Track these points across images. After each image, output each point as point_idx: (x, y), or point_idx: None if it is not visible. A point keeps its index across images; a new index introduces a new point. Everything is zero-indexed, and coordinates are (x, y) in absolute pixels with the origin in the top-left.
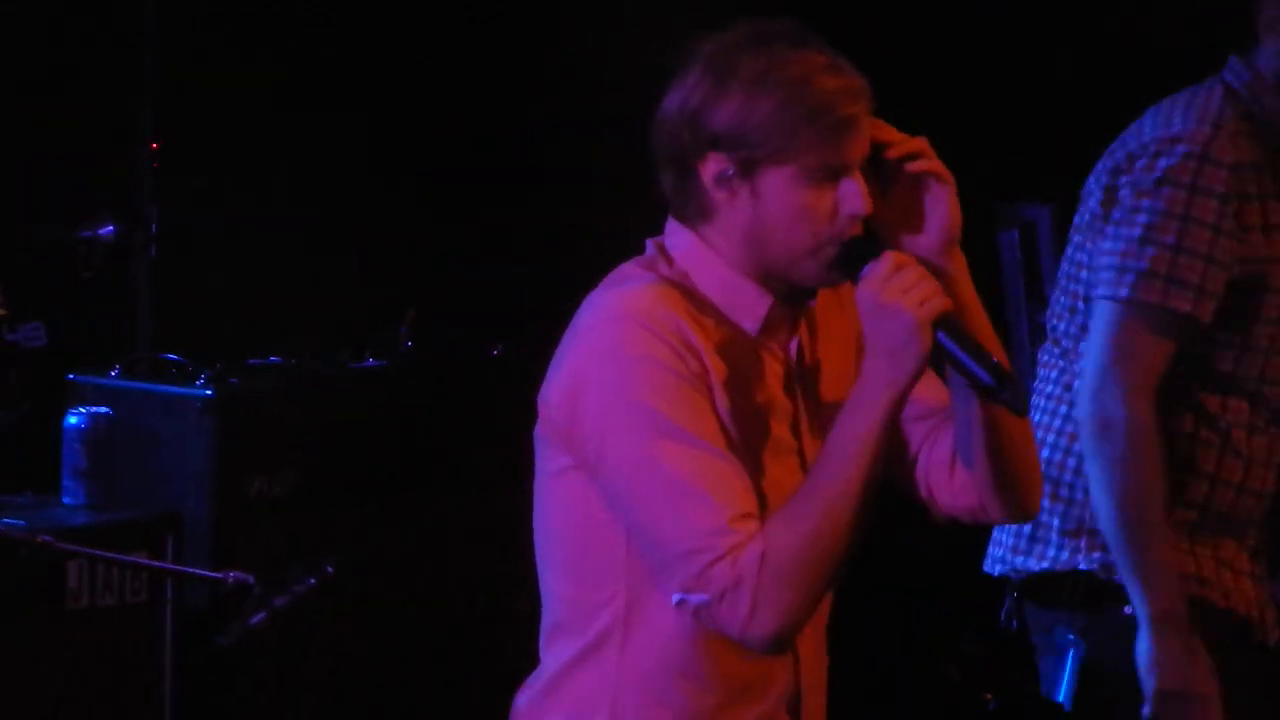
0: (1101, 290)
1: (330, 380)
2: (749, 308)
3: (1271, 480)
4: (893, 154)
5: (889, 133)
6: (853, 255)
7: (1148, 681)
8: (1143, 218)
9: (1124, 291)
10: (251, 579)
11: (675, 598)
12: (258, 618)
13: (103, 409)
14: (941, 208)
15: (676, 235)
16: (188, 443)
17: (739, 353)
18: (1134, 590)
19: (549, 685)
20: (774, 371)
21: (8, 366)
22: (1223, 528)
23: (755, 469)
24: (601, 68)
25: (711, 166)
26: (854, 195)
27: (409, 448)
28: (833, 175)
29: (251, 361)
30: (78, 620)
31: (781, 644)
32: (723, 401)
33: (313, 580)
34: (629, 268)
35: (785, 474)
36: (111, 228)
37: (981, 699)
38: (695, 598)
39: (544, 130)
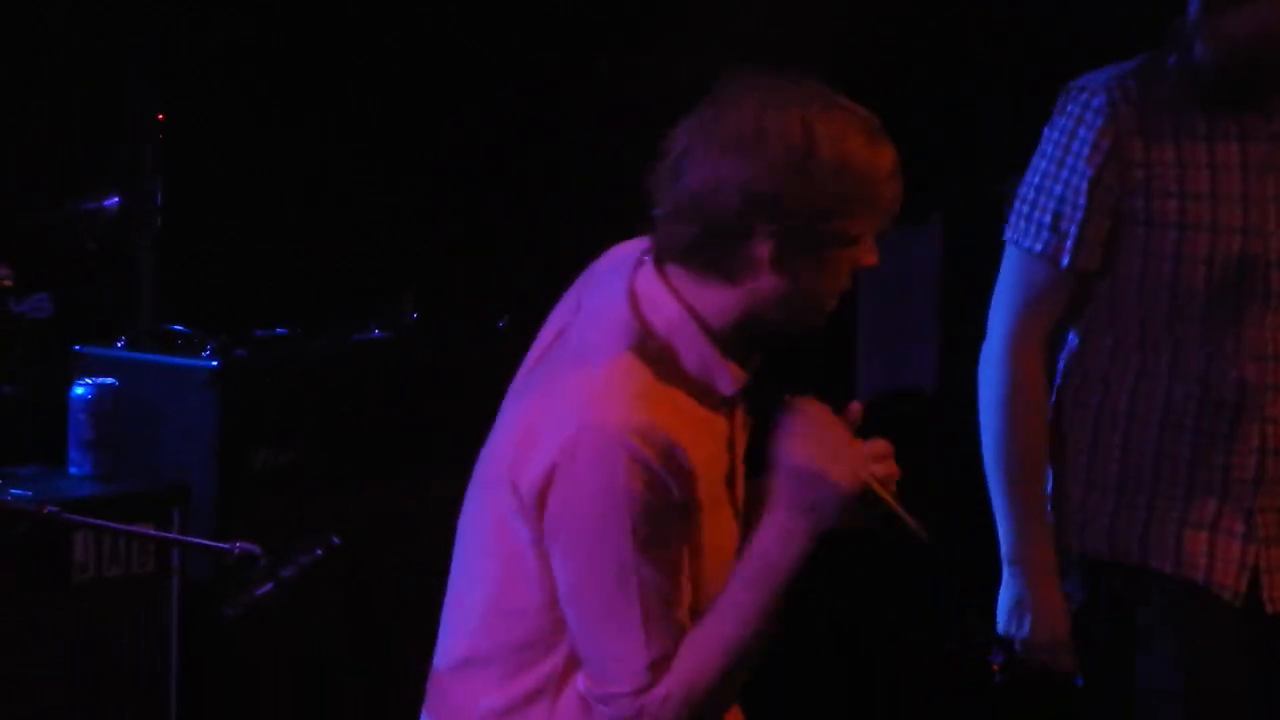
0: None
1: (335, 352)
2: (723, 383)
3: (1254, 432)
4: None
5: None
6: (763, 400)
7: (1000, 622)
8: (1034, 159)
9: (1007, 232)
10: (258, 550)
11: (581, 686)
12: (264, 589)
13: (108, 380)
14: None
15: (661, 303)
16: (193, 414)
17: (710, 426)
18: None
19: None
20: (725, 431)
21: (15, 338)
22: (1194, 488)
23: (704, 529)
24: (618, 54)
25: (771, 244)
26: (872, 250)
27: (414, 419)
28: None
29: (257, 333)
30: (84, 592)
31: None
32: (703, 490)
33: (319, 552)
34: (619, 351)
35: (721, 529)
36: (116, 199)
37: (988, 669)
38: (597, 707)
39: (555, 107)
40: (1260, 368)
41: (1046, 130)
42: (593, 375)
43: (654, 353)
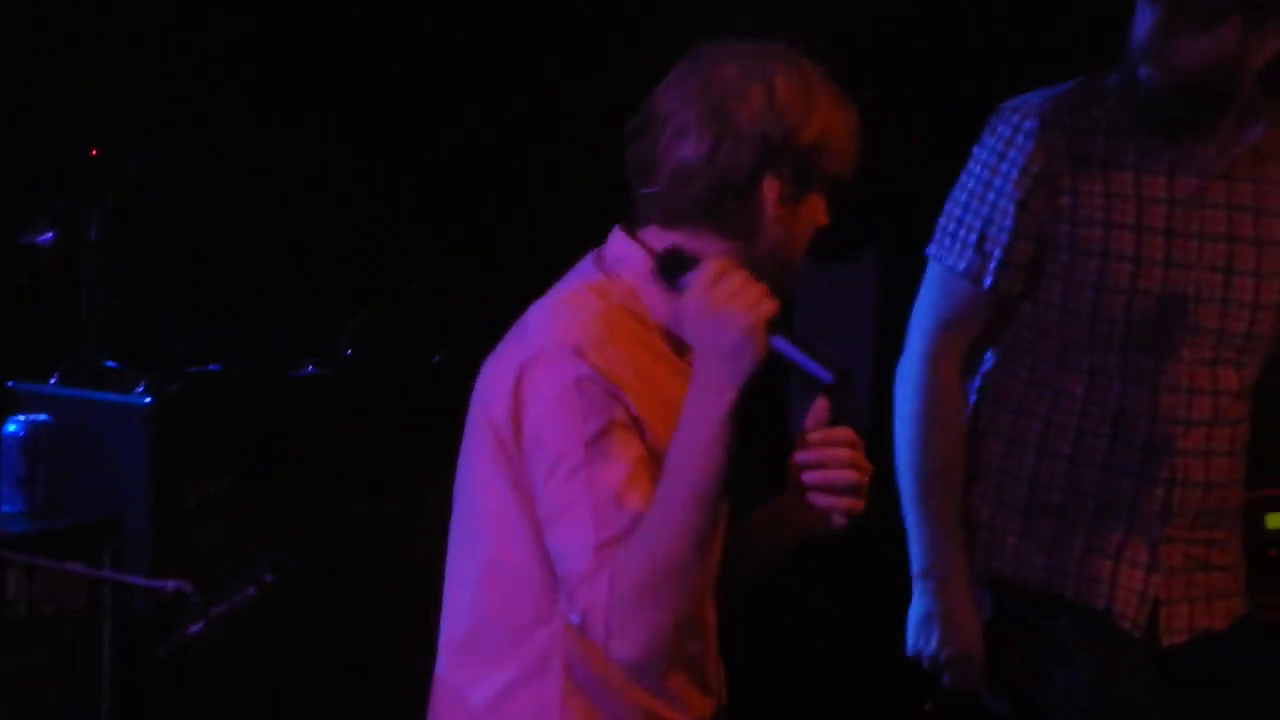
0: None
1: (270, 389)
2: None
3: (1164, 465)
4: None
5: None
6: (671, 266)
7: (909, 638)
8: (961, 177)
9: (931, 247)
10: (190, 588)
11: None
12: (196, 627)
13: (41, 416)
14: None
15: (628, 256)
16: (126, 450)
17: (676, 369)
18: (910, 544)
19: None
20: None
21: None
22: (1102, 515)
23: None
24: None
25: (776, 185)
26: (825, 211)
27: (349, 456)
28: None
29: (191, 369)
30: (17, 629)
31: (646, 666)
32: (658, 421)
33: (251, 589)
34: (581, 293)
35: None
36: (51, 234)
37: (920, 706)
38: (572, 616)
39: (485, 145)
40: (1175, 399)
41: (976, 149)
42: (548, 305)
43: (617, 296)
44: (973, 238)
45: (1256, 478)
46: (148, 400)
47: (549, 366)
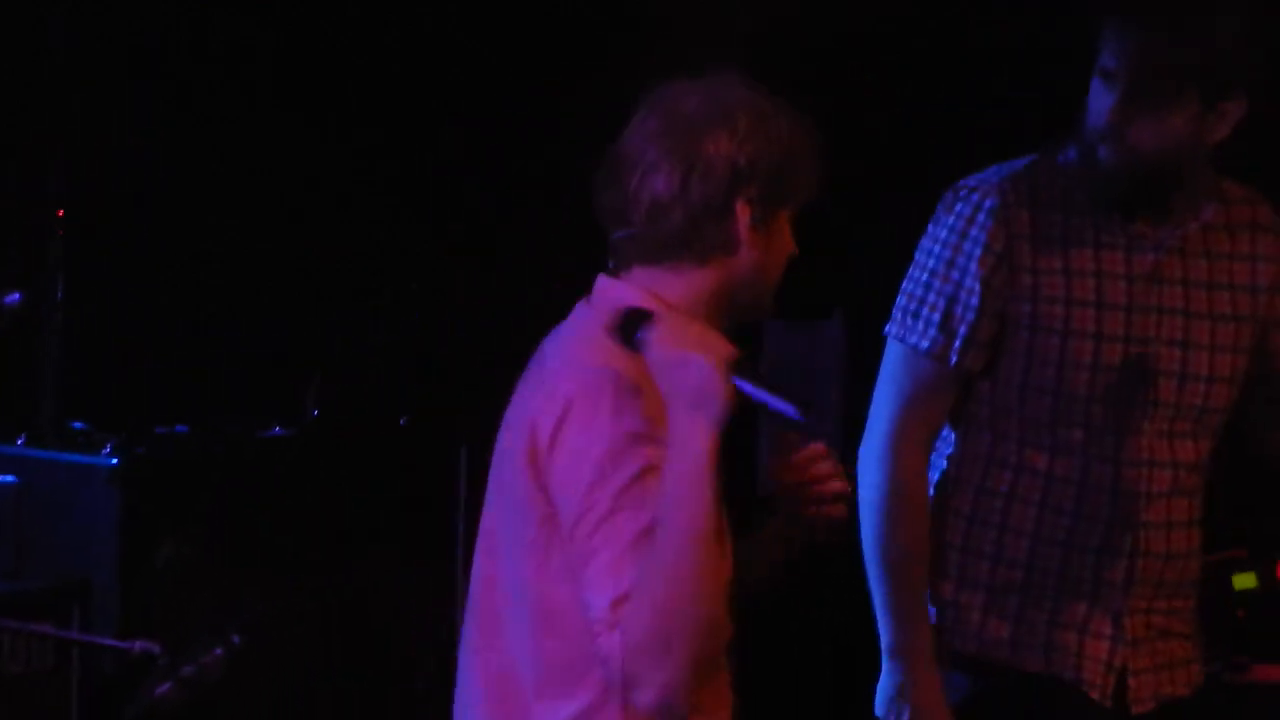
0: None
1: (237, 449)
2: None
3: (1127, 538)
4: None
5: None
6: (627, 324)
7: (879, 712)
8: (918, 256)
9: (891, 327)
10: (157, 649)
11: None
12: (163, 688)
13: (8, 477)
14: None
15: (622, 294)
16: (94, 511)
17: None
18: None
19: None
20: None
21: None
22: (1065, 589)
23: None
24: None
25: (748, 209)
26: (792, 241)
27: (315, 516)
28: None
29: (158, 430)
30: None
31: (669, 713)
32: None
33: (219, 650)
34: (591, 329)
35: None
36: (17, 295)
37: None
38: (602, 665)
39: (485, 145)
40: (1136, 474)
41: (933, 228)
42: (572, 346)
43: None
44: (937, 316)
45: (1222, 539)
46: (115, 461)
47: (588, 409)
